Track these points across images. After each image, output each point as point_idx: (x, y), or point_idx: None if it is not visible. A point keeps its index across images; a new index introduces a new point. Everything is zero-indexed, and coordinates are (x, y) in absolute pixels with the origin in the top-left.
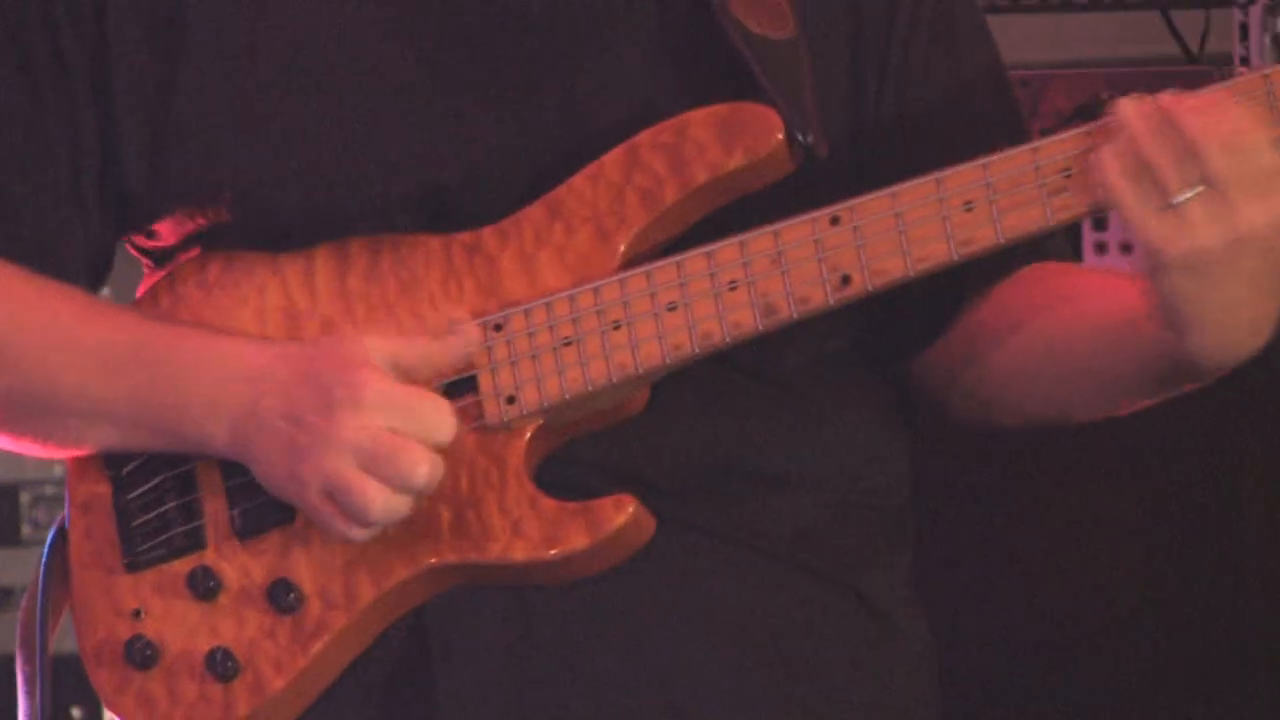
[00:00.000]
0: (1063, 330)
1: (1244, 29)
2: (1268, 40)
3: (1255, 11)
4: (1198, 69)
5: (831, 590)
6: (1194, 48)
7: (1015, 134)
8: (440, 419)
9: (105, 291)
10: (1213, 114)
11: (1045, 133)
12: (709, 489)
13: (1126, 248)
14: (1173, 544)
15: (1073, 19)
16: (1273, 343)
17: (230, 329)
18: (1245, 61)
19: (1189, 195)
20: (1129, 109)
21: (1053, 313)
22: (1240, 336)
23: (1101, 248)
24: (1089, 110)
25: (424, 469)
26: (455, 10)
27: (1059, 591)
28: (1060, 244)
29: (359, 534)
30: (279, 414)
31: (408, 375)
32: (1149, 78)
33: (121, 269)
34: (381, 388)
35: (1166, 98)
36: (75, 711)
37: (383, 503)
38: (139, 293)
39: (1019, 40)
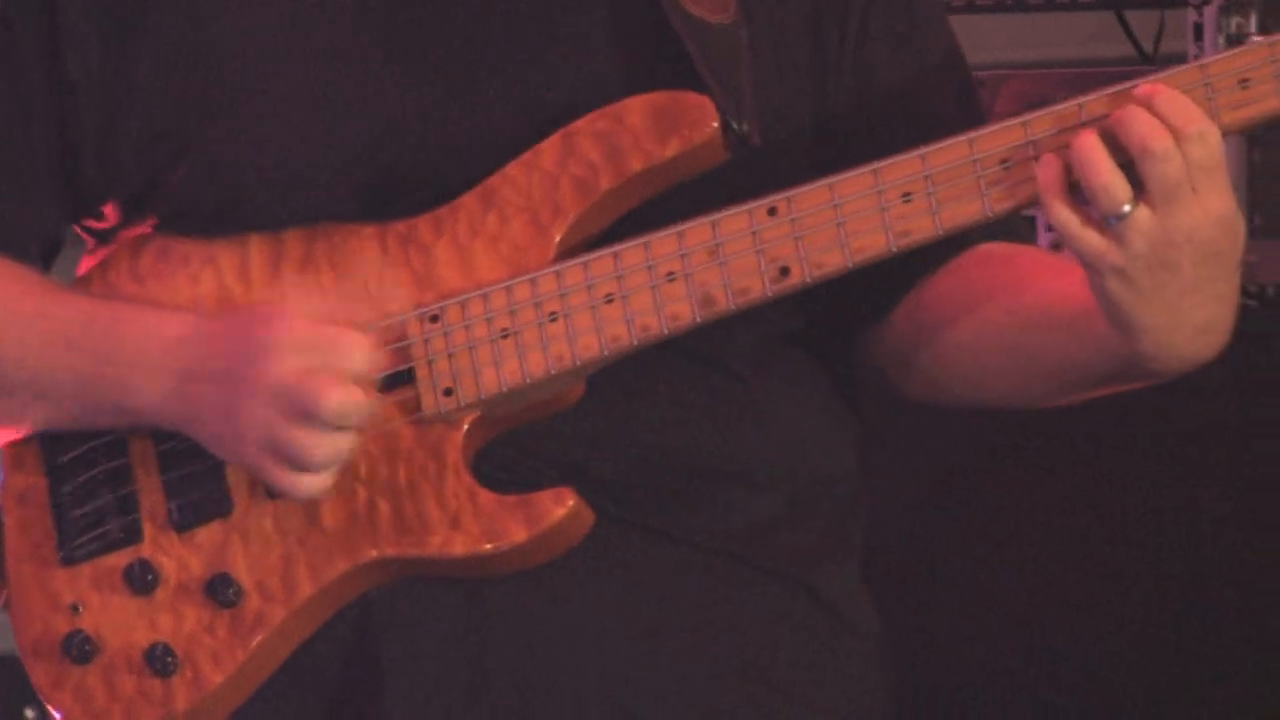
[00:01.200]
0: (1015, 319)
1: (1198, 29)
2: (1222, 40)
3: (1209, 12)
4: (1152, 69)
5: (783, 585)
6: (1148, 48)
7: (971, 111)
8: (350, 345)
9: None
10: (1144, 120)
11: None
12: (660, 484)
13: None
14: (1130, 541)
15: (1027, 19)
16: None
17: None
18: None
19: (1125, 211)
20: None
21: (1005, 299)
22: (1187, 340)
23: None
24: None
25: (350, 410)
26: (414, 1)
27: (1011, 587)
28: (1015, 223)
29: (308, 482)
30: (211, 375)
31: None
32: (1103, 78)
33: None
34: (294, 329)
35: (1100, 105)
36: (29, 712)
37: (315, 445)
38: (79, 272)
39: (974, 41)
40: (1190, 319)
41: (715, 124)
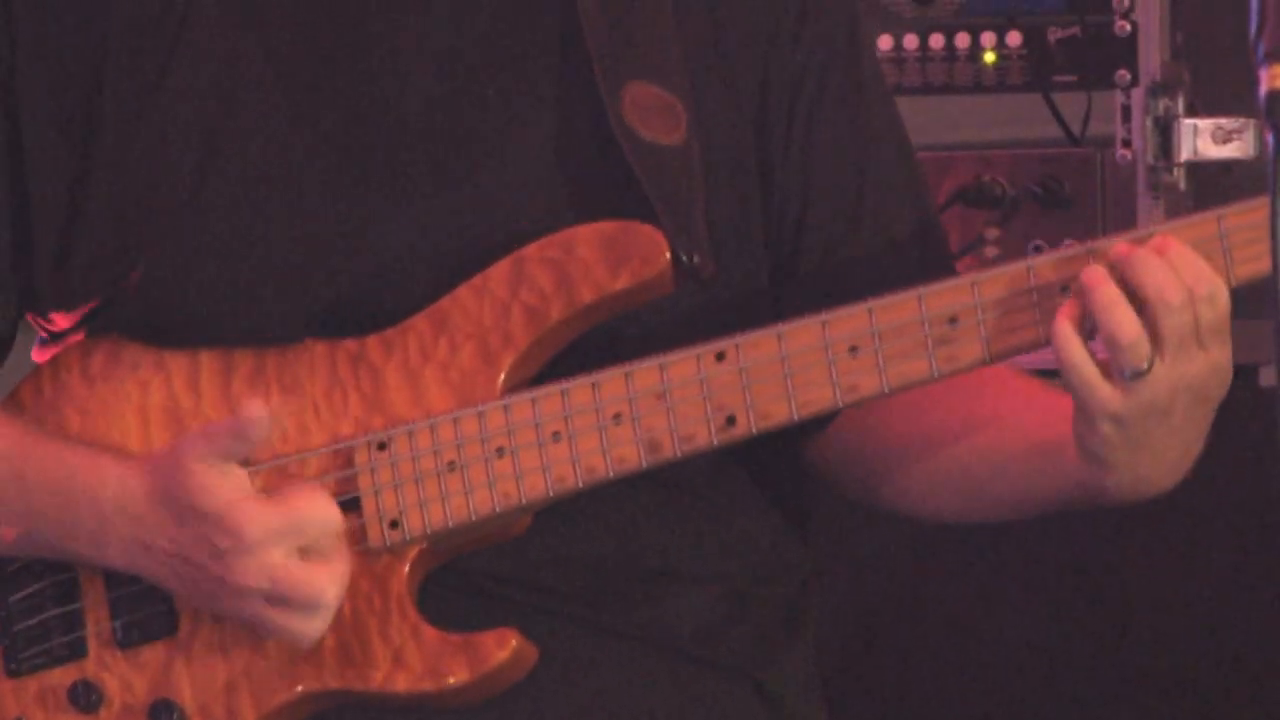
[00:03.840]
0: (977, 457)
1: (1126, 111)
2: (1149, 123)
3: (1137, 94)
4: (1080, 151)
5: (731, 684)
6: (1076, 130)
7: (923, 211)
8: (324, 515)
9: None
10: (1160, 269)
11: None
12: (607, 589)
13: None
14: (1073, 635)
15: (956, 101)
16: None
17: (111, 433)
18: (1127, 143)
19: (1145, 368)
20: (1091, 278)
21: (969, 437)
22: (1162, 475)
23: None
24: (969, 193)
25: (331, 592)
26: (360, 116)
27: (956, 677)
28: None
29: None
30: (170, 555)
31: (240, 455)
32: (1032, 160)
33: None
34: (260, 520)
35: (1122, 251)
36: None
37: (302, 627)
38: (33, 356)
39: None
40: (1169, 456)
41: (666, 256)
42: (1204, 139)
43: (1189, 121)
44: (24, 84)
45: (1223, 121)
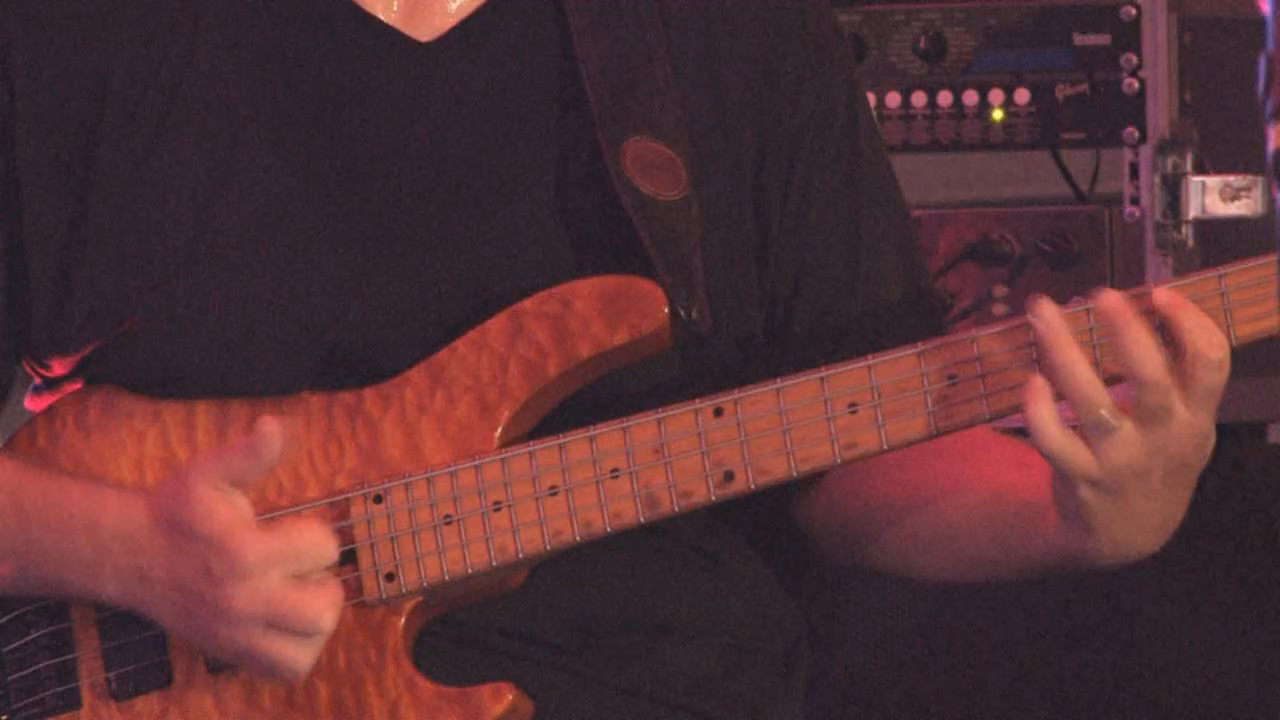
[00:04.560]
0: (964, 518)
1: (1134, 169)
2: (1157, 180)
3: (1145, 152)
4: (1088, 208)
5: None
6: (1084, 187)
7: (917, 277)
8: (320, 541)
9: None
10: (1144, 346)
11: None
12: (602, 642)
13: None
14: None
15: (963, 159)
16: None
17: (107, 476)
18: (1135, 201)
19: (1113, 425)
20: (1039, 312)
21: (960, 498)
22: (1144, 539)
23: None
24: (977, 250)
25: (329, 615)
26: (359, 170)
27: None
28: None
29: (291, 680)
30: (166, 584)
31: (242, 485)
32: (1040, 217)
33: None
34: (257, 546)
35: (1096, 310)
36: None
37: (297, 655)
38: (26, 405)
39: (910, 180)
40: (1149, 521)
41: (665, 312)
42: (1212, 196)
43: (1197, 179)
44: (22, 132)
45: (1231, 179)
